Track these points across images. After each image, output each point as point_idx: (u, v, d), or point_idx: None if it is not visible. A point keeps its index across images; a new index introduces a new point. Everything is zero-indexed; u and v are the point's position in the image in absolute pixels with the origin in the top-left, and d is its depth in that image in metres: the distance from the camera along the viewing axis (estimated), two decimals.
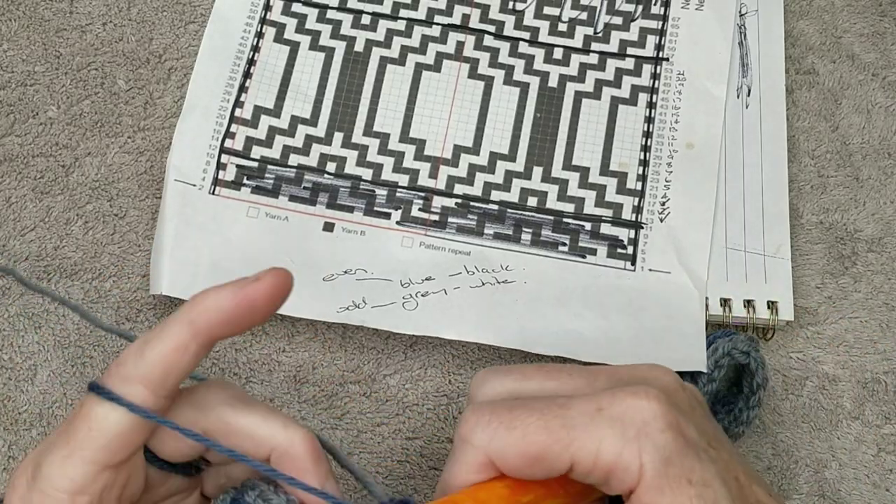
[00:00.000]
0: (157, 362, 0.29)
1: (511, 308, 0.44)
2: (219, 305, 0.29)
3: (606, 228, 0.45)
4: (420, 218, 0.46)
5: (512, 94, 0.48)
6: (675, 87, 0.48)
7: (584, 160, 0.47)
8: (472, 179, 0.47)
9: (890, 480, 0.43)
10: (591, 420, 0.27)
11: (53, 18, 0.50)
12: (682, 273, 0.44)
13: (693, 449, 0.27)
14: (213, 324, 0.29)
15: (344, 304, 0.43)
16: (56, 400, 0.43)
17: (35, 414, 0.43)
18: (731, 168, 0.47)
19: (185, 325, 0.29)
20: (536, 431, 0.27)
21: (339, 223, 0.46)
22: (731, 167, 0.47)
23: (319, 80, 0.48)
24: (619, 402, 0.27)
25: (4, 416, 0.43)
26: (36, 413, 0.43)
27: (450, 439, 0.43)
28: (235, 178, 0.46)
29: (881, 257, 0.46)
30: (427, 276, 0.44)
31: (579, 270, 0.45)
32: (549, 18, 0.50)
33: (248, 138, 0.47)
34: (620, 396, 0.28)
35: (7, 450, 0.42)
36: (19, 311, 0.45)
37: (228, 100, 0.48)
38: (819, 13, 0.51)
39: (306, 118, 0.48)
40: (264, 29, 0.49)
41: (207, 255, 0.44)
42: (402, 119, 0.48)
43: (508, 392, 0.30)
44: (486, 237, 0.45)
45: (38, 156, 0.47)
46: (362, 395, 0.44)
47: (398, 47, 0.49)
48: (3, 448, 0.42)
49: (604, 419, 0.27)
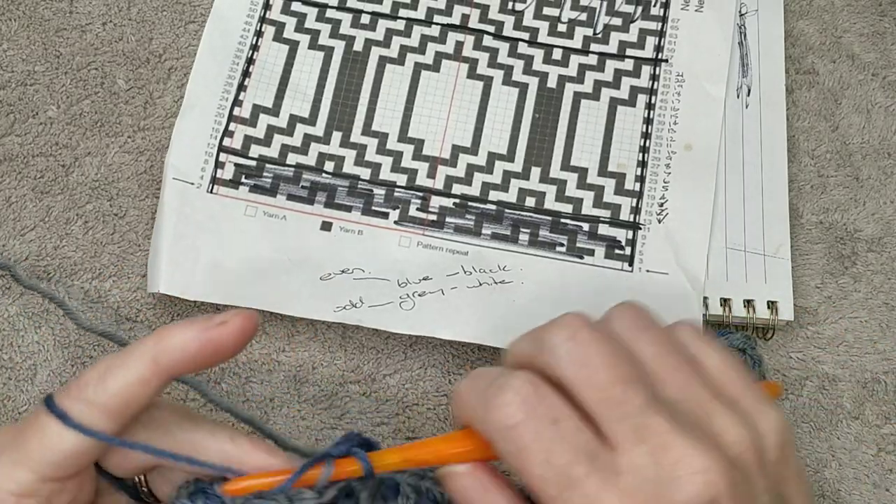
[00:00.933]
0: (117, 393, 0.29)
1: (508, 308, 0.44)
2: (184, 346, 0.30)
3: (604, 229, 0.45)
4: (418, 218, 0.46)
5: (511, 94, 0.48)
6: (674, 88, 0.48)
7: (582, 161, 0.47)
8: (471, 179, 0.47)
9: (890, 480, 0.43)
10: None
11: (53, 18, 0.50)
12: (680, 274, 0.44)
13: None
14: (177, 363, 0.30)
15: (341, 304, 0.43)
16: None
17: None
18: (731, 168, 0.47)
19: (147, 360, 0.30)
20: (537, 478, 0.27)
21: (337, 222, 0.46)
22: (730, 167, 0.47)
23: (318, 79, 0.48)
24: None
25: (4, 416, 0.43)
26: None
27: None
28: (234, 176, 0.46)
29: (881, 257, 0.46)
30: (424, 275, 0.44)
31: (577, 271, 0.45)
32: (548, 19, 0.50)
33: (247, 137, 0.47)
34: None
35: None
36: (19, 311, 0.45)
37: (227, 98, 0.48)
38: (819, 13, 0.51)
39: (305, 117, 0.48)
40: (264, 28, 0.49)
41: (205, 253, 0.44)
42: (400, 119, 0.48)
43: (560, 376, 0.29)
44: (483, 237, 0.45)
45: (38, 155, 0.47)
46: (362, 395, 0.44)
47: (397, 47, 0.49)
48: None
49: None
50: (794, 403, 0.44)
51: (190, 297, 0.43)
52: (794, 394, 0.44)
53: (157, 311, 0.45)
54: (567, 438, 0.27)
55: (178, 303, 0.45)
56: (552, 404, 0.28)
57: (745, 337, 0.41)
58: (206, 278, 0.44)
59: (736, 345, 0.41)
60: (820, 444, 0.43)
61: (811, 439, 0.43)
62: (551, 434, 0.27)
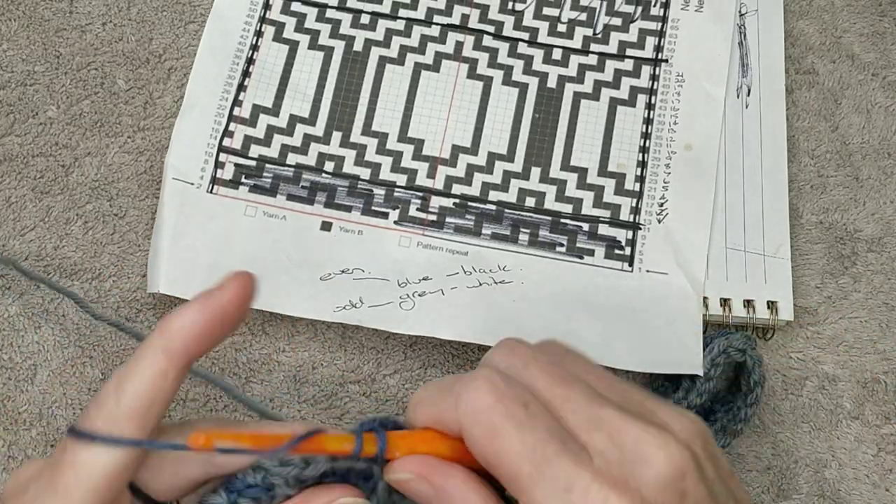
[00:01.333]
0: (138, 395, 0.28)
1: (508, 308, 0.44)
2: (191, 323, 0.29)
3: (604, 229, 0.45)
4: (418, 218, 0.46)
5: (511, 94, 0.48)
6: (673, 88, 0.48)
7: (582, 161, 0.47)
8: (471, 179, 0.47)
9: (890, 480, 0.43)
10: (557, 496, 0.27)
11: (53, 18, 0.50)
12: (680, 274, 0.44)
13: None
14: (188, 343, 0.29)
15: (341, 304, 0.43)
16: (56, 400, 0.43)
17: (35, 414, 0.43)
18: (731, 168, 0.47)
19: (158, 352, 0.29)
20: (511, 461, 0.28)
21: (337, 222, 0.46)
22: (731, 167, 0.47)
23: (318, 79, 0.48)
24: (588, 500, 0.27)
25: (4, 416, 0.43)
26: (36, 413, 0.43)
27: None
28: (234, 176, 0.46)
29: (881, 257, 0.46)
30: (424, 275, 0.44)
31: (577, 271, 0.45)
32: (548, 19, 0.50)
33: (247, 137, 0.47)
34: (591, 498, 0.27)
35: (7, 450, 0.42)
36: (19, 311, 0.45)
37: (227, 98, 0.48)
38: (819, 13, 0.51)
39: (305, 117, 0.48)
40: (263, 28, 0.49)
41: (205, 253, 0.44)
42: (400, 119, 0.48)
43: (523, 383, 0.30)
44: (483, 237, 0.45)
45: (38, 156, 0.47)
46: (362, 395, 0.44)
47: (397, 47, 0.49)
48: (2, 448, 0.42)
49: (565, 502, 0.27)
50: (794, 403, 0.44)
51: (190, 296, 0.43)
52: (794, 394, 0.44)
53: (158, 311, 0.45)
54: (538, 419, 0.28)
55: (177, 303, 0.45)
56: (521, 391, 0.29)
57: (745, 337, 0.41)
58: (205, 278, 0.44)
59: (736, 345, 0.41)
60: (820, 444, 0.43)
61: (811, 439, 0.43)
62: (523, 414, 0.28)
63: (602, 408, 0.28)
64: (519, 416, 0.28)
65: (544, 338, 0.43)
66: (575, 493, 0.26)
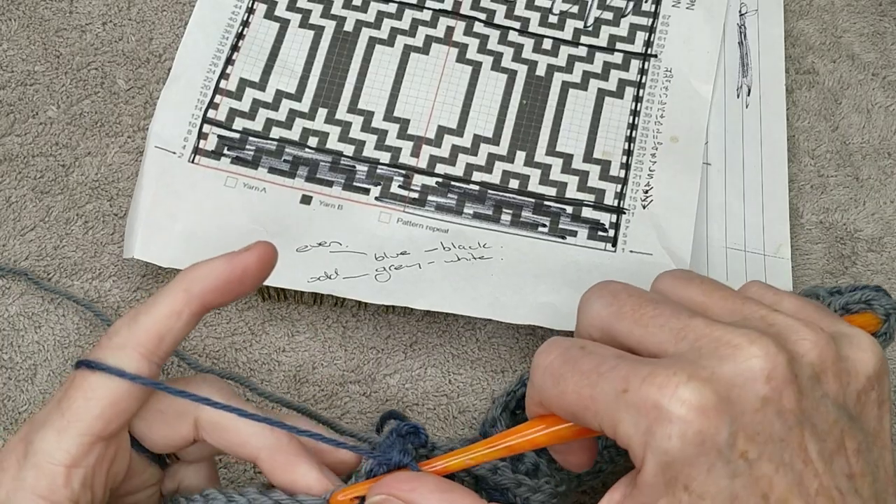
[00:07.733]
0: (150, 327, 0.30)
1: (486, 281, 0.43)
2: (214, 272, 0.31)
3: (588, 212, 0.45)
4: (399, 195, 0.46)
5: (499, 80, 0.48)
6: (661, 83, 0.48)
7: (567, 147, 0.47)
8: (455, 160, 0.47)
9: None
10: (614, 400, 0.26)
11: (53, 18, 0.50)
12: (665, 255, 0.44)
13: (708, 456, 0.25)
14: (207, 290, 0.30)
15: (315, 275, 0.43)
16: None
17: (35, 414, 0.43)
18: (731, 168, 0.47)
19: (179, 291, 0.30)
20: (572, 394, 0.27)
21: (317, 196, 0.45)
22: (731, 167, 0.47)
23: (307, 56, 0.48)
24: (644, 391, 0.26)
25: (4, 416, 0.43)
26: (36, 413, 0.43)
27: (450, 439, 0.43)
28: (216, 147, 0.46)
29: (881, 257, 0.46)
30: (402, 250, 0.44)
31: (558, 249, 0.44)
32: (539, 10, 0.50)
33: (232, 110, 0.47)
34: (647, 384, 0.26)
35: None
36: (19, 311, 0.45)
37: (214, 71, 0.48)
38: (819, 13, 0.51)
39: (291, 93, 0.48)
40: (255, 5, 0.49)
41: (183, 221, 0.44)
42: (387, 98, 0.48)
43: (601, 326, 0.30)
44: (465, 216, 0.45)
45: (38, 156, 0.47)
46: (362, 395, 0.44)
47: (388, 29, 0.49)
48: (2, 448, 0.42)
49: (623, 403, 0.26)
50: None
51: (164, 263, 0.43)
52: None
53: None
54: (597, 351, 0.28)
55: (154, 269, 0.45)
56: (579, 340, 0.29)
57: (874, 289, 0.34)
58: (182, 246, 0.43)
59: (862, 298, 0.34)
60: None
61: None
62: (579, 354, 0.28)
63: (692, 318, 0.27)
64: (575, 356, 0.28)
65: (520, 308, 0.43)
66: (630, 392, 0.26)
